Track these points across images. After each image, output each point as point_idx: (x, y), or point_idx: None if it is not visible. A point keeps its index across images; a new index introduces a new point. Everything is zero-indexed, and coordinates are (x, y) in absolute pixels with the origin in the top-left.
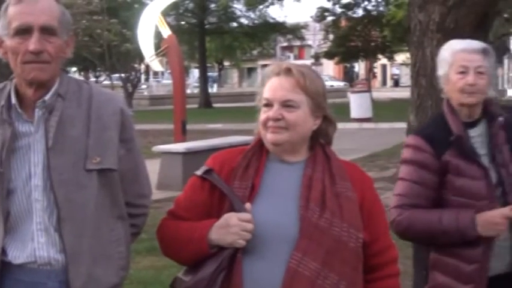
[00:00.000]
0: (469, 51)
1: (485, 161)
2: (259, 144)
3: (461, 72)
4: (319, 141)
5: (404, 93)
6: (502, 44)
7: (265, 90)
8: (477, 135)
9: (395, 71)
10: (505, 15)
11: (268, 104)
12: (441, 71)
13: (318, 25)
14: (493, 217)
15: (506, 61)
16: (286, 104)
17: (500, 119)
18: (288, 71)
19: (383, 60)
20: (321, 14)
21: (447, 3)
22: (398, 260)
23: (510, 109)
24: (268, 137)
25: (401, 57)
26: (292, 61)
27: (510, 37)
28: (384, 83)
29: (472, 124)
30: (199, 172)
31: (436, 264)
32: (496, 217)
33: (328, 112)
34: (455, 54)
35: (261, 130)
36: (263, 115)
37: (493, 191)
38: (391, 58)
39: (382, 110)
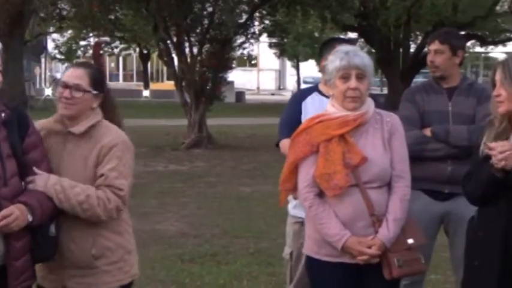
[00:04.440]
0: None
1: None
2: None
3: None
4: None
5: None
6: (39, 43)
7: None
8: None
9: None
10: (42, 15)
11: None
12: None
13: None
14: None
15: (43, 60)
16: None
17: (3, 114)
18: None
19: None
20: None
21: None
22: None
23: (13, 107)
24: None
25: None
26: None
27: (47, 36)
28: None
29: None
30: None
31: None
32: None
33: None
34: None
35: None
36: None
37: None
38: None
39: None
